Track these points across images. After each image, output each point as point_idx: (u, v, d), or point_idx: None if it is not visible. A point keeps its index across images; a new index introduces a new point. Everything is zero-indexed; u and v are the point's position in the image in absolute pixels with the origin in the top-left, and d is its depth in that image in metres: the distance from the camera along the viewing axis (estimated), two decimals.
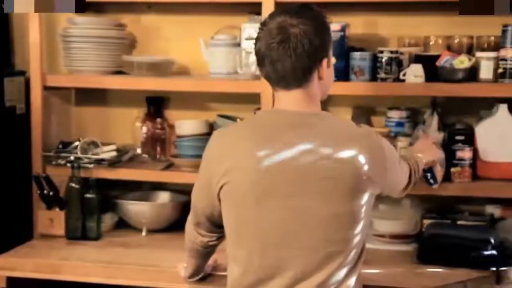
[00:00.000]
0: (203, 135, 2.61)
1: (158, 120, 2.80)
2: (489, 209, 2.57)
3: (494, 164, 2.46)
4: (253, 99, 2.53)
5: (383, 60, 2.45)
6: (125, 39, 2.81)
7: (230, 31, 2.67)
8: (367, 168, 1.72)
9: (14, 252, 2.48)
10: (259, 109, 2.50)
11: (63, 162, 2.63)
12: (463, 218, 2.50)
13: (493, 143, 2.45)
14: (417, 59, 2.49)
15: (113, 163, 2.65)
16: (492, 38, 2.49)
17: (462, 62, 2.39)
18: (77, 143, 2.69)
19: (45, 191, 2.58)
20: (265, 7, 2.43)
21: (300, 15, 1.74)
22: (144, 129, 2.79)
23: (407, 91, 2.46)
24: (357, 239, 1.75)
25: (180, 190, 2.79)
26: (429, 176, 2.30)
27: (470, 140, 2.46)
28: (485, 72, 2.41)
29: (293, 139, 1.73)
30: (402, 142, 2.48)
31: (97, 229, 2.61)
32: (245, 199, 1.74)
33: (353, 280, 1.77)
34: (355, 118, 2.62)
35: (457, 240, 2.28)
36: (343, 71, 2.47)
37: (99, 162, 2.63)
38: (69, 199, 2.59)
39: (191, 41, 2.71)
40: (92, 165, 2.61)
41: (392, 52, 2.46)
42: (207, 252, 2.07)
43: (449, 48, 2.51)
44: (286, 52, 1.72)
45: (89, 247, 2.54)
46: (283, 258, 1.73)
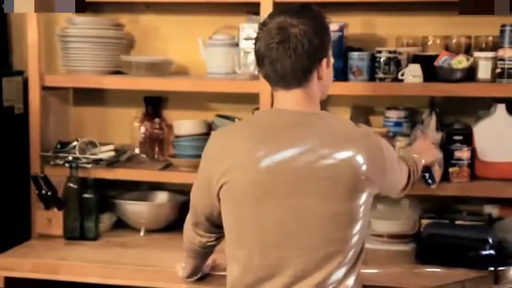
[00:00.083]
0: (201, 135, 2.61)
1: (156, 120, 2.80)
2: (487, 209, 2.57)
3: (492, 164, 2.46)
4: (251, 99, 2.53)
5: (381, 60, 2.46)
6: (123, 39, 2.81)
7: (229, 31, 2.67)
8: (365, 168, 1.72)
9: (12, 252, 2.48)
10: (257, 109, 2.49)
11: (61, 162, 2.63)
12: (461, 218, 2.50)
13: (491, 143, 2.46)
14: (415, 59, 2.49)
15: (111, 163, 2.65)
16: (490, 38, 2.49)
17: (460, 62, 2.40)
18: (75, 143, 2.69)
19: (43, 191, 2.58)
20: (263, 7, 2.43)
21: (300, 15, 1.74)
22: (142, 129, 2.79)
23: (405, 91, 2.46)
24: (355, 238, 1.75)
25: (178, 190, 2.79)
26: (427, 176, 2.30)
27: (468, 140, 2.46)
28: (483, 72, 2.42)
29: (292, 138, 1.73)
30: (401, 142, 2.48)
31: (95, 229, 2.60)
32: (245, 198, 1.74)
33: (352, 280, 1.77)
34: (354, 118, 2.62)
35: (455, 240, 2.28)
36: (341, 71, 2.47)
37: (97, 162, 2.63)
38: (67, 199, 2.59)
39: (190, 41, 2.71)
40: (90, 165, 2.61)
41: (390, 52, 2.46)
42: (205, 253, 2.07)
43: (447, 48, 2.51)
44: (286, 52, 1.72)
45: (87, 247, 2.54)
46: (283, 257, 1.73)
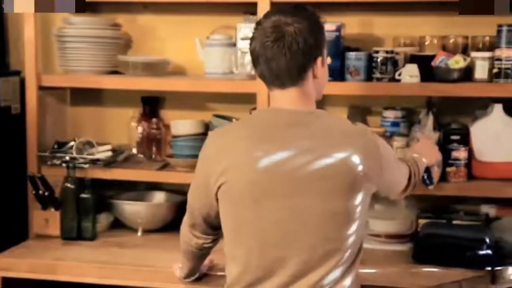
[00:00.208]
0: (198, 135, 2.61)
1: (154, 120, 2.80)
2: (484, 208, 2.57)
3: (489, 164, 2.47)
4: (248, 99, 2.53)
5: (379, 60, 2.46)
6: (121, 39, 2.81)
7: (226, 31, 2.67)
8: (363, 166, 1.72)
9: (9, 252, 2.48)
10: (254, 109, 2.49)
11: (58, 162, 2.63)
12: (458, 218, 2.51)
13: (488, 143, 2.46)
14: (412, 59, 2.49)
15: (109, 163, 2.65)
16: (487, 38, 2.49)
17: (457, 62, 2.40)
18: (72, 143, 2.69)
19: (40, 191, 2.57)
20: (260, 7, 2.43)
21: (294, 14, 1.75)
22: (140, 129, 2.79)
23: (402, 91, 2.46)
24: (352, 239, 1.75)
25: (175, 190, 2.79)
26: (426, 177, 2.29)
27: (465, 140, 2.46)
28: (480, 72, 2.42)
29: (289, 138, 1.73)
30: (398, 142, 2.49)
31: (93, 229, 2.60)
32: (243, 198, 1.74)
33: (350, 279, 1.76)
34: (351, 118, 2.62)
35: (453, 239, 2.28)
36: (338, 71, 2.47)
37: (94, 162, 2.63)
38: (65, 199, 2.58)
39: (187, 41, 2.71)
40: (87, 165, 2.61)
41: (387, 52, 2.46)
42: (202, 254, 2.07)
43: (444, 48, 2.51)
44: (281, 51, 1.73)
45: (84, 247, 2.54)
46: (282, 257, 1.73)
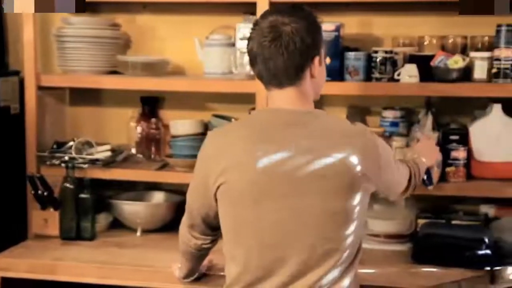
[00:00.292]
0: (198, 135, 2.61)
1: (153, 120, 2.80)
2: (483, 208, 2.58)
3: (488, 164, 2.47)
4: (248, 99, 2.53)
5: (378, 60, 2.46)
6: (120, 39, 2.80)
7: (225, 31, 2.67)
8: (361, 166, 1.72)
9: (8, 252, 2.47)
10: (253, 109, 2.49)
11: (57, 162, 2.63)
12: (457, 218, 2.51)
13: (487, 143, 2.46)
14: (411, 59, 2.49)
15: (108, 163, 2.65)
16: (486, 38, 2.49)
17: (456, 62, 2.40)
18: (71, 143, 2.69)
19: (39, 191, 2.57)
20: (259, 7, 2.43)
21: (291, 14, 1.75)
22: (139, 129, 2.79)
23: (401, 91, 2.46)
24: (351, 237, 1.75)
25: (174, 190, 2.79)
26: (425, 177, 2.29)
27: (464, 140, 2.47)
28: (479, 72, 2.42)
29: (288, 138, 1.73)
30: (397, 142, 2.49)
31: (92, 229, 2.60)
32: (243, 199, 1.74)
33: (348, 279, 1.76)
34: (350, 118, 2.61)
35: (452, 239, 2.28)
36: (337, 71, 2.47)
37: (93, 162, 2.63)
38: (64, 199, 2.58)
39: (186, 41, 2.71)
40: (86, 165, 2.61)
41: (386, 52, 2.46)
42: (201, 255, 2.07)
43: (443, 48, 2.51)
44: (278, 50, 1.73)
45: (83, 247, 2.53)
46: (282, 256, 1.73)
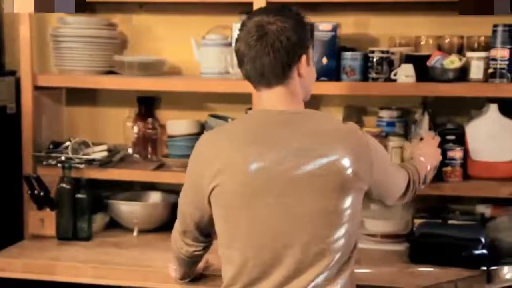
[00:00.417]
0: (194, 135, 2.61)
1: (150, 120, 2.80)
2: (480, 208, 2.58)
3: (485, 164, 2.47)
4: (244, 99, 2.53)
5: (374, 60, 2.46)
6: (116, 39, 2.80)
7: (222, 31, 2.67)
8: (353, 165, 1.72)
9: (4, 252, 2.47)
10: (250, 109, 2.49)
11: (54, 162, 2.63)
12: (454, 218, 2.50)
13: (483, 142, 2.46)
14: (408, 59, 2.49)
15: (104, 163, 2.64)
16: (482, 38, 2.50)
17: (453, 62, 2.40)
18: (68, 143, 2.68)
19: (35, 192, 2.57)
20: (256, 7, 2.42)
21: (278, 13, 1.76)
22: (135, 129, 2.79)
23: (398, 91, 2.46)
24: (342, 239, 1.74)
25: (171, 190, 2.78)
26: None
27: (461, 140, 2.47)
28: (476, 72, 2.42)
29: (280, 139, 1.73)
30: (394, 142, 2.49)
31: (88, 229, 2.60)
32: (236, 200, 1.74)
33: (344, 279, 1.76)
34: (346, 118, 2.62)
35: (448, 239, 2.29)
36: (334, 71, 2.47)
37: (90, 162, 2.63)
38: (60, 199, 2.58)
39: (183, 41, 2.71)
40: (83, 165, 2.61)
41: (383, 52, 2.47)
42: (193, 262, 2.07)
43: (439, 48, 2.52)
44: (264, 49, 1.73)
45: (80, 247, 2.53)
46: (276, 257, 1.73)
